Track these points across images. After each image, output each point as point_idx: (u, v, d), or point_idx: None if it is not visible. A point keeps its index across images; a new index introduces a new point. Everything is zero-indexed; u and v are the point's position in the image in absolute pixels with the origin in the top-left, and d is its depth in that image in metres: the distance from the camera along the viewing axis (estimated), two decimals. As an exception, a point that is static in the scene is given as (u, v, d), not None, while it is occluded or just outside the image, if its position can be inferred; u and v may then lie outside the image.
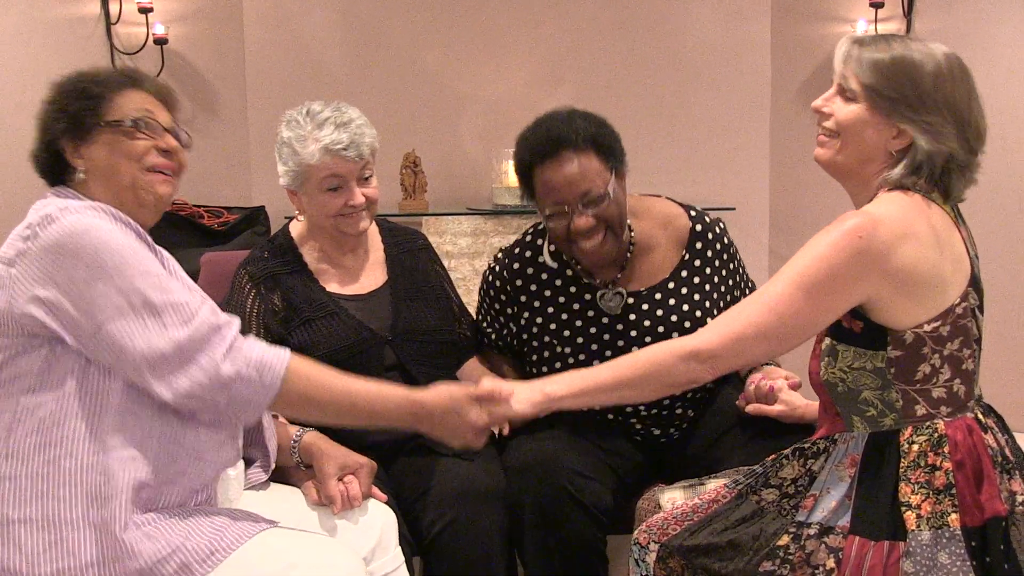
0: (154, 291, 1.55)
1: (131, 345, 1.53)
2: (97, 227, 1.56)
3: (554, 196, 2.08)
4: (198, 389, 1.55)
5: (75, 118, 1.67)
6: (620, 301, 2.19)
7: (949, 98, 1.62)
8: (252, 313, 2.15)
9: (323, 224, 2.20)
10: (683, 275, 2.22)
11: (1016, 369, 3.87)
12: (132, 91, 1.71)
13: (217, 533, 1.57)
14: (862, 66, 1.65)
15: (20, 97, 3.66)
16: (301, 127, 2.15)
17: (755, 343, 1.65)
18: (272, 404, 1.61)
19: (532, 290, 2.26)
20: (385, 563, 1.87)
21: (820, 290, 1.60)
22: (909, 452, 1.64)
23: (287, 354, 1.63)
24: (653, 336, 2.17)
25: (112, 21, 4.09)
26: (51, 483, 1.55)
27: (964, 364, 1.66)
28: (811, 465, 1.71)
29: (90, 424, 1.56)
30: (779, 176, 4.49)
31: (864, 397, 1.66)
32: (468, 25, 4.33)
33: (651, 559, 1.75)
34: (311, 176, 2.15)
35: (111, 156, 1.67)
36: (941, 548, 1.58)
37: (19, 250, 1.57)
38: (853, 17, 4.31)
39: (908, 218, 1.60)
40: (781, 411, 2.09)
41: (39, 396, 1.57)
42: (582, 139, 2.07)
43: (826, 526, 1.65)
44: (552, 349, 2.24)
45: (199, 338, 1.55)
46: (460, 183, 4.31)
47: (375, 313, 2.23)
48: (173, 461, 1.61)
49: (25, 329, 1.57)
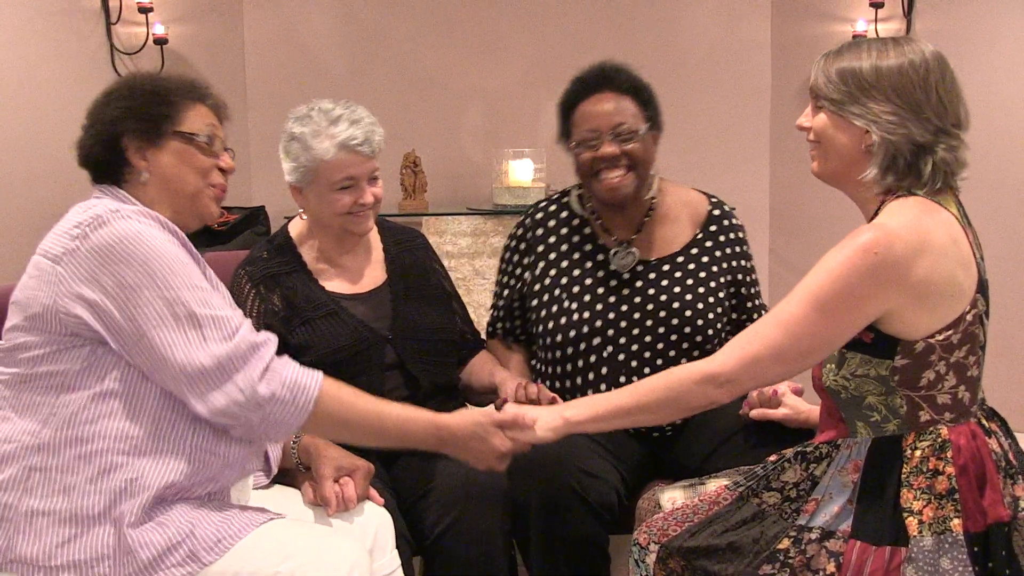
0: (199, 304, 1.58)
1: (172, 356, 1.56)
2: (148, 235, 1.58)
3: (588, 124, 2.23)
4: (234, 407, 1.57)
5: (151, 121, 1.68)
6: (632, 260, 2.27)
7: (896, 85, 1.62)
8: (252, 313, 2.15)
9: (329, 223, 2.20)
10: (693, 252, 2.30)
11: (1019, 370, 3.87)
12: (200, 105, 1.74)
13: (224, 522, 1.60)
14: (818, 75, 1.69)
15: (20, 96, 3.68)
16: (314, 122, 2.13)
17: (772, 365, 1.64)
18: (303, 425, 1.65)
19: (551, 241, 2.35)
20: (382, 565, 1.87)
21: (836, 309, 1.58)
22: (912, 458, 1.63)
23: (320, 376, 1.66)
24: (656, 305, 2.23)
25: (112, 20, 4.08)
26: (80, 478, 1.57)
27: (969, 371, 1.65)
28: (813, 470, 1.71)
29: (125, 425, 1.59)
30: (779, 176, 4.49)
31: (868, 402, 1.66)
32: (468, 25, 4.33)
33: (651, 560, 1.75)
34: (322, 173, 2.13)
35: (179, 165, 1.70)
36: (943, 554, 1.57)
37: (67, 248, 1.58)
38: (853, 17, 4.31)
39: (922, 228, 1.59)
40: (785, 415, 2.10)
41: (77, 394, 1.59)
42: (625, 84, 2.25)
43: (827, 530, 1.65)
44: (560, 304, 2.28)
45: (238, 355, 1.58)
46: (460, 183, 4.31)
47: (375, 312, 2.23)
48: (204, 467, 1.63)
49: (68, 328, 1.58)
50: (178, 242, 1.65)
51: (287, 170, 2.19)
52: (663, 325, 2.23)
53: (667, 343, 2.24)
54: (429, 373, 2.22)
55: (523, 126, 4.30)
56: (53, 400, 1.59)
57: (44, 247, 1.62)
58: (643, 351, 2.23)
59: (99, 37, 4.07)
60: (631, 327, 2.24)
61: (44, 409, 1.59)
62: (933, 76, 1.63)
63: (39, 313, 1.59)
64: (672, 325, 2.23)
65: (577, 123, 2.25)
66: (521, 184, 4.00)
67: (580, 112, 2.25)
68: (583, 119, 2.24)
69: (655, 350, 2.23)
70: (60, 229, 1.62)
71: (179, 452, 1.61)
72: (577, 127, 2.25)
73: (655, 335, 2.23)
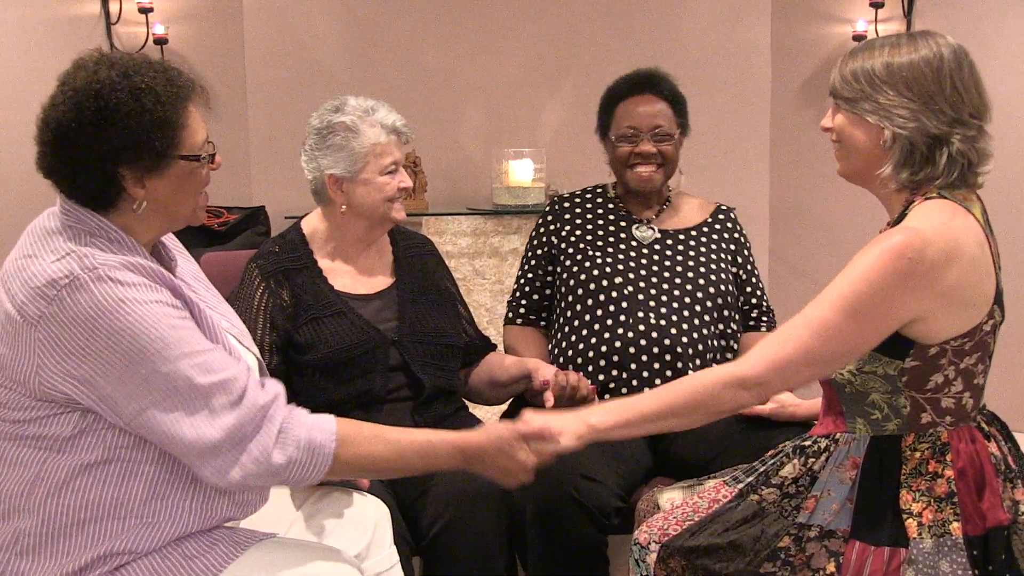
0: (199, 372, 1.48)
1: (179, 433, 1.48)
2: (132, 300, 1.46)
3: (630, 121, 2.49)
4: (250, 479, 1.52)
5: (154, 151, 1.52)
6: (652, 235, 2.52)
7: (908, 79, 1.62)
8: (260, 307, 2.16)
9: (373, 211, 2.22)
10: (704, 230, 2.55)
11: (1021, 370, 3.87)
12: (191, 107, 1.58)
13: (213, 547, 1.56)
14: (835, 76, 1.70)
15: (19, 97, 3.66)
16: (353, 112, 2.18)
17: (802, 369, 1.63)
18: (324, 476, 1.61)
19: (577, 212, 2.60)
20: (379, 561, 1.86)
21: (868, 313, 1.57)
22: (911, 459, 1.64)
23: (334, 428, 1.59)
24: (671, 265, 2.45)
25: (112, 21, 4.09)
26: (69, 544, 1.52)
27: (976, 378, 1.66)
28: (812, 464, 1.71)
29: (119, 493, 1.52)
30: (779, 176, 4.49)
31: (872, 400, 1.66)
32: (468, 25, 4.33)
33: (651, 559, 1.75)
34: (373, 158, 2.18)
35: (178, 189, 1.57)
36: (943, 556, 1.58)
37: (42, 312, 1.45)
38: (853, 17, 4.31)
39: (954, 235, 1.59)
40: (773, 410, 2.13)
41: (66, 458, 1.51)
42: (667, 91, 2.54)
43: (827, 529, 1.65)
44: (585, 255, 2.48)
45: (248, 422, 1.51)
46: (460, 183, 4.31)
47: (382, 313, 2.24)
48: (204, 522, 1.58)
49: (55, 400, 1.49)
50: (168, 293, 1.53)
51: (327, 164, 2.20)
52: (677, 288, 2.41)
53: (681, 304, 2.39)
54: (432, 376, 2.23)
55: (523, 126, 4.30)
56: (40, 463, 1.51)
57: (13, 293, 1.48)
58: (659, 308, 2.37)
59: (99, 37, 4.06)
60: (648, 287, 2.39)
61: (32, 469, 1.51)
62: (948, 66, 1.62)
63: (18, 379, 1.49)
64: (685, 289, 2.41)
65: (619, 119, 2.51)
66: (521, 184, 4.00)
67: (623, 109, 2.51)
68: (626, 116, 2.50)
69: (671, 309, 2.37)
70: (29, 275, 1.47)
71: (178, 514, 1.55)
72: (618, 122, 2.51)
73: (670, 296, 2.39)
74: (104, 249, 1.52)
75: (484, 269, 3.97)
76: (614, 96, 2.54)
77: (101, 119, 1.49)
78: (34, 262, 1.49)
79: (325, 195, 2.24)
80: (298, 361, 2.16)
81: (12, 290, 1.49)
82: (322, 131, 2.20)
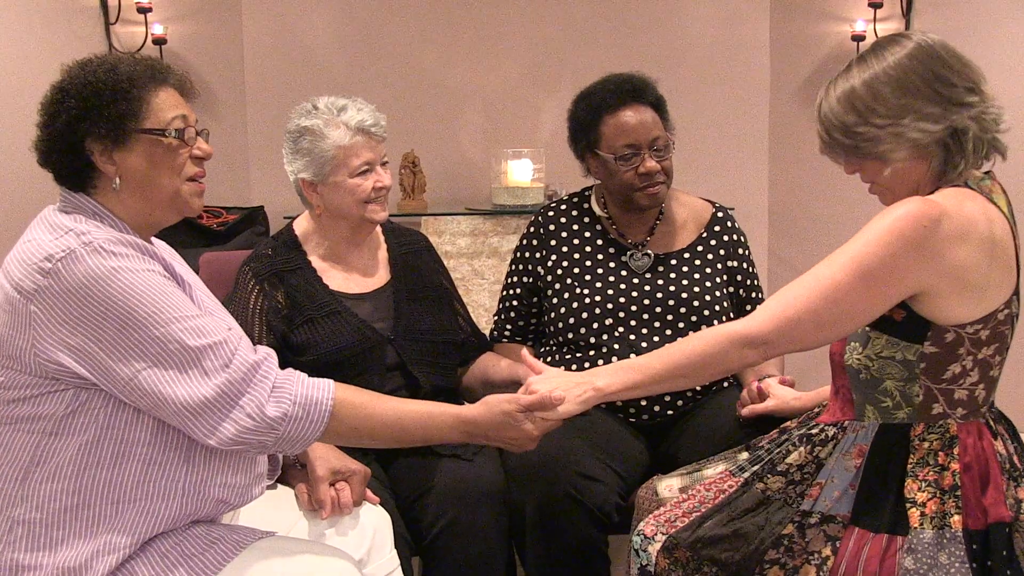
0: (190, 335, 1.50)
1: (172, 393, 1.49)
2: (125, 270, 1.49)
3: (627, 138, 2.29)
4: (245, 434, 1.52)
5: (113, 122, 1.54)
6: (648, 261, 2.37)
7: (892, 80, 1.61)
8: (255, 310, 2.15)
9: (348, 213, 2.19)
10: (699, 249, 2.41)
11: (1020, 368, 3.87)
12: (162, 89, 1.59)
13: (212, 546, 1.56)
14: (823, 137, 1.68)
15: (18, 97, 3.66)
16: (322, 114, 2.15)
17: (810, 329, 1.61)
18: (321, 437, 1.60)
19: (564, 236, 2.43)
20: (381, 566, 1.86)
21: (878, 277, 1.56)
22: (919, 449, 1.64)
23: (331, 386, 1.60)
24: (664, 294, 2.32)
25: (111, 20, 4.09)
26: (67, 532, 1.52)
27: (992, 370, 1.66)
28: (818, 452, 1.71)
29: (112, 475, 1.53)
30: (778, 176, 4.49)
31: (885, 387, 1.66)
32: (467, 25, 4.33)
33: (654, 548, 1.74)
34: (341, 160, 2.14)
35: (151, 167, 1.57)
36: (942, 548, 1.58)
37: (39, 285, 1.47)
38: (852, 17, 4.31)
39: (972, 219, 1.58)
40: (775, 406, 2.11)
41: (60, 440, 1.52)
42: (651, 97, 2.34)
43: (827, 515, 1.65)
44: (574, 291, 2.34)
45: (240, 379, 1.52)
46: (459, 183, 4.31)
47: (378, 312, 2.23)
48: (197, 506, 1.58)
49: (48, 372, 1.50)
50: (159, 266, 1.56)
51: (298, 168, 2.19)
52: (670, 313, 2.31)
53: (674, 330, 2.30)
54: (430, 375, 2.22)
55: (522, 126, 4.30)
56: (34, 447, 1.52)
57: (12, 274, 1.51)
58: (651, 336, 2.29)
59: (98, 37, 4.07)
60: (641, 313, 2.31)
61: (26, 454, 1.52)
62: (922, 53, 1.61)
63: (14, 355, 1.51)
64: (679, 313, 2.31)
65: (610, 135, 2.30)
66: (520, 184, 4.00)
67: (613, 124, 2.30)
68: (620, 132, 2.30)
69: (663, 336, 2.28)
70: (28, 254, 1.51)
71: (170, 495, 1.55)
72: (610, 139, 2.30)
73: (663, 322, 2.31)
74: (101, 229, 1.55)
75: (483, 269, 3.97)
76: (597, 108, 2.33)
77: (61, 92, 1.56)
78: (32, 244, 1.52)
79: (305, 198, 2.24)
80: (295, 362, 2.14)
81: (11, 273, 1.52)
82: (293, 135, 2.19)
